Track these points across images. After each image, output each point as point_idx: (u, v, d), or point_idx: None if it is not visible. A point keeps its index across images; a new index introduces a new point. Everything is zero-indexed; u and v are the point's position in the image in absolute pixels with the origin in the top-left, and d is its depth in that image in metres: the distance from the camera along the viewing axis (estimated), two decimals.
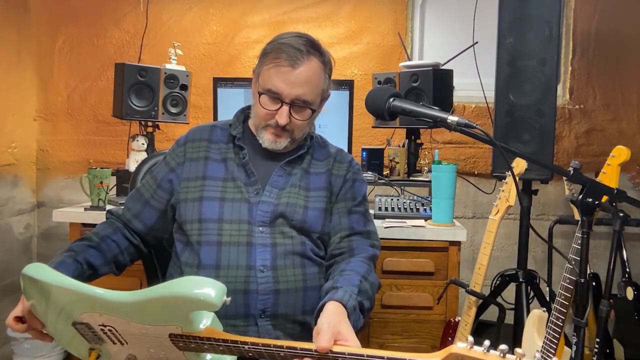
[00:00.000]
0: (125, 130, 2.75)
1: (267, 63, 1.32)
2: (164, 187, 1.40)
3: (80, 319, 1.09)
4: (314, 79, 1.33)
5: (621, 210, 1.15)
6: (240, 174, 1.36)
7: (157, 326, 1.04)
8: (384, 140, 2.68)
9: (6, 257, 2.63)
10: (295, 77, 1.29)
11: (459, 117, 1.11)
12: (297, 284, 1.32)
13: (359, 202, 1.44)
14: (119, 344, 1.12)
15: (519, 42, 2.01)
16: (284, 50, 1.30)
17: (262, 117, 1.34)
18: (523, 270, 2.05)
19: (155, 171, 1.45)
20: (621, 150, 1.36)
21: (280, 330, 1.30)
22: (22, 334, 1.21)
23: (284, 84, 1.29)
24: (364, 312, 1.22)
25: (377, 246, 1.43)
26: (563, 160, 2.79)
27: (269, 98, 1.31)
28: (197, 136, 1.43)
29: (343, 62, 2.82)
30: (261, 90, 1.32)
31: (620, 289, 2.35)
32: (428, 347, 1.99)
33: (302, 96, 1.31)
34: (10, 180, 2.70)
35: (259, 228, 1.32)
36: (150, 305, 1.01)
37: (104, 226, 1.41)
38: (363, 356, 0.95)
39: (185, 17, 2.86)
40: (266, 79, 1.31)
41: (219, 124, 1.47)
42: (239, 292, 1.27)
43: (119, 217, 1.43)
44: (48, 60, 2.88)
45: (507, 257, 2.79)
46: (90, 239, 1.34)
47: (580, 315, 1.14)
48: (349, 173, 1.45)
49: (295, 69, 1.29)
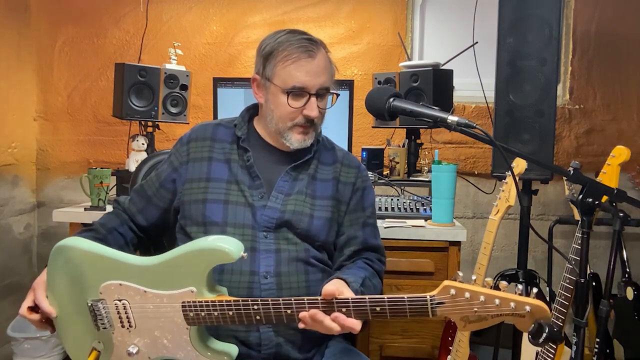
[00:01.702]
0: (125, 130, 2.75)
1: (280, 62, 1.29)
2: (167, 187, 1.39)
3: (97, 296, 1.16)
4: (329, 64, 1.34)
5: (621, 210, 1.15)
6: (244, 177, 1.34)
7: (172, 292, 1.11)
8: (384, 140, 2.68)
9: (6, 257, 2.63)
10: (317, 66, 1.29)
11: (459, 117, 1.11)
12: (300, 290, 1.30)
13: (371, 214, 1.44)
14: (125, 330, 1.16)
15: (519, 42, 2.01)
16: (293, 44, 1.28)
17: (287, 117, 1.31)
18: (523, 270, 2.05)
19: (160, 169, 1.44)
20: (621, 150, 1.36)
21: (282, 337, 1.28)
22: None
23: (308, 76, 1.28)
24: None
25: (384, 261, 1.45)
26: (563, 160, 2.79)
27: (294, 95, 1.30)
28: (200, 135, 1.41)
29: (343, 62, 2.83)
30: (287, 89, 1.28)
31: (620, 289, 2.35)
32: (428, 347, 1.99)
33: (324, 84, 1.31)
34: (10, 180, 2.70)
35: (262, 233, 1.30)
36: (173, 263, 1.11)
37: (110, 217, 1.42)
38: (365, 300, 1.06)
39: (185, 17, 2.86)
40: (286, 78, 1.28)
41: (224, 122, 1.44)
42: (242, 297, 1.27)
43: (125, 210, 1.43)
44: (48, 60, 2.88)
45: (507, 257, 2.79)
46: (97, 231, 1.35)
47: (580, 315, 1.14)
48: (359, 180, 1.42)
49: (315, 58, 1.29)
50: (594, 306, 2.26)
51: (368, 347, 1.98)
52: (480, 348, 2.08)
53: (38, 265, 2.91)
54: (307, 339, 1.31)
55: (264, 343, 1.26)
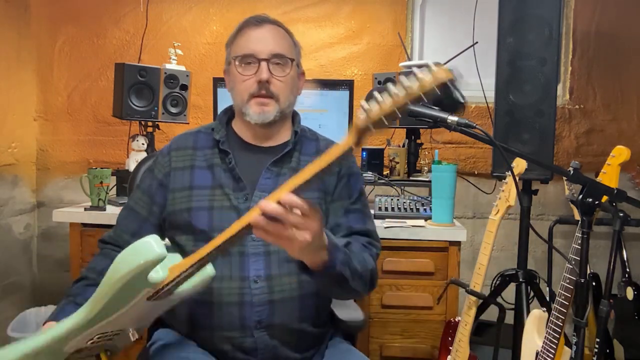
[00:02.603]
0: (125, 130, 2.75)
1: (233, 43, 1.34)
2: (157, 201, 1.35)
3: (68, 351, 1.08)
4: (282, 35, 1.35)
5: (621, 210, 1.15)
6: (228, 180, 1.31)
7: (132, 303, 1.03)
8: (384, 140, 2.68)
9: (6, 257, 2.63)
10: (263, 33, 1.32)
11: (459, 117, 1.11)
12: (293, 292, 1.28)
13: (355, 199, 1.38)
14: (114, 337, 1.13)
15: (519, 42, 2.01)
16: (244, 24, 1.34)
17: (244, 88, 1.31)
18: (523, 270, 2.05)
19: (144, 186, 1.38)
20: (621, 150, 1.36)
21: (277, 340, 1.26)
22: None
23: (254, 43, 1.30)
24: (349, 264, 1.17)
25: (377, 246, 1.37)
26: (563, 160, 2.79)
27: (245, 64, 1.31)
28: (181, 145, 1.38)
29: (343, 62, 2.83)
30: (235, 57, 1.32)
31: (620, 289, 2.35)
32: (428, 347, 1.99)
33: (275, 50, 1.30)
34: (10, 180, 2.70)
35: (250, 236, 1.24)
36: (113, 298, 1.00)
37: (99, 259, 1.34)
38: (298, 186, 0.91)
39: (185, 17, 2.86)
40: (237, 50, 1.32)
41: (203, 129, 1.41)
42: (233, 304, 1.24)
43: (114, 243, 1.35)
44: (48, 60, 2.88)
45: (507, 257, 2.79)
46: (87, 278, 1.30)
47: (580, 315, 1.14)
48: (343, 168, 1.36)
49: (261, 27, 1.32)
50: (594, 306, 2.26)
51: (368, 347, 1.98)
52: (480, 348, 2.08)
53: (38, 266, 2.91)
54: (303, 338, 1.30)
55: (259, 347, 1.25)
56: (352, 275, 1.18)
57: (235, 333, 1.25)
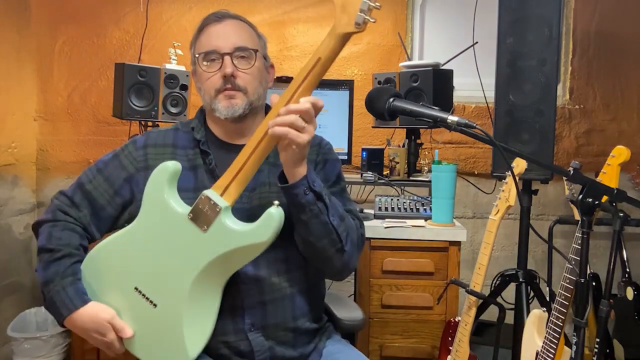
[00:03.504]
0: (125, 130, 2.75)
1: (197, 41, 1.33)
2: (123, 194, 1.31)
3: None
4: (244, 28, 1.34)
5: (621, 210, 1.15)
6: (210, 182, 1.25)
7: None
8: (384, 140, 2.68)
9: (6, 257, 2.63)
10: (224, 28, 1.31)
11: (459, 117, 1.11)
12: (284, 291, 1.27)
13: (333, 182, 1.37)
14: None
15: (519, 42, 2.01)
16: (203, 21, 1.33)
17: (210, 85, 1.30)
18: (523, 270, 2.05)
19: (107, 172, 1.33)
20: (621, 150, 1.36)
21: (272, 340, 1.26)
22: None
23: (215, 38, 1.30)
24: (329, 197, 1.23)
25: (358, 224, 1.33)
26: (563, 160, 2.79)
27: (209, 61, 1.30)
28: (159, 141, 1.35)
29: (343, 62, 2.83)
30: (198, 55, 1.31)
31: (620, 289, 2.35)
32: (428, 347, 1.99)
33: (238, 43, 1.29)
34: (10, 180, 2.70)
35: None
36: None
37: (69, 235, 1.27)
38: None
39: (185, 17, 2.86)
40: (200, 48, 1.31)
41: (181, 127, 1.39)
42: (225, 309, 1.22)
43: (77, 221, 1.30)
44: (48, 60, 2.88)
45: (507, 257, 2.79)
46: (71, 255, 1.25)
47: (580, 315, 1.14)
48: (320, 155, 1.37)
49: (222, 22, 1.31)
50: (594, 306, 2.26)
51: (368, 347, 1.99)
52: (480, 348, 2.08)
53: None
54: (298, 335, 1.30)
55: (256, 349, 1.25)
56: (333, 210, 1.22)
57: (230, 337, 1.25)
